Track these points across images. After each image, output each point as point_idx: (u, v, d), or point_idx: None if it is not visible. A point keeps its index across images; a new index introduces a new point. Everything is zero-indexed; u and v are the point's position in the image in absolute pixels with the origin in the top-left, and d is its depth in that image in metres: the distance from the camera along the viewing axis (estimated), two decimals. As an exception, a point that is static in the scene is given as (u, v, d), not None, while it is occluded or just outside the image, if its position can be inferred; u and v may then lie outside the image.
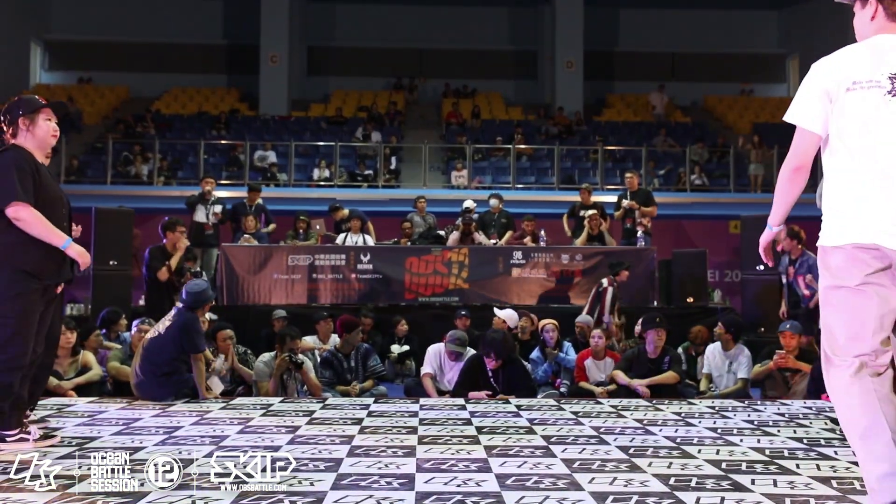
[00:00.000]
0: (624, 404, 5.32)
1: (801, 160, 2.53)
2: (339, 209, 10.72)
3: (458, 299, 8.98)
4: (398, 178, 17.59)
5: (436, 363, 6.58)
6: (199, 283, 5.80)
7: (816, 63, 2.56)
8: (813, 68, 2.56)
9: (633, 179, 10.21)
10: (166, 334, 5.36)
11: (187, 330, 5.33)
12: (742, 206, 14.40)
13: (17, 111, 3.62)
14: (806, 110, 2.50)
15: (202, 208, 9.70)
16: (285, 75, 21.68)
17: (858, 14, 2.60)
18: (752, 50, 23.28)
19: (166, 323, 5.44)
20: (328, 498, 2.72)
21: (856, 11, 2.62)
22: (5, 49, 20.35)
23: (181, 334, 5.32)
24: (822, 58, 2.56)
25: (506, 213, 10.50)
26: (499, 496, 2.75)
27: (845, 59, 2.49)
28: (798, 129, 2.52)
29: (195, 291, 5.50)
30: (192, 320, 5.40)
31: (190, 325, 5.35)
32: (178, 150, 17.94)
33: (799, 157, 2.53)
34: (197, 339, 5.38)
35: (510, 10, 23.43)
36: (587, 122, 20.44)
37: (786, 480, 3.03)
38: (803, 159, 2.52)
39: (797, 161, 2.53)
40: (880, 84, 2.40)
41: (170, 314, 5.54)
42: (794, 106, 2.54)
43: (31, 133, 3.61)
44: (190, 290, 5.53)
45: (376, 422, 4.42)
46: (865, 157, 2.39)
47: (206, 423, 4.34)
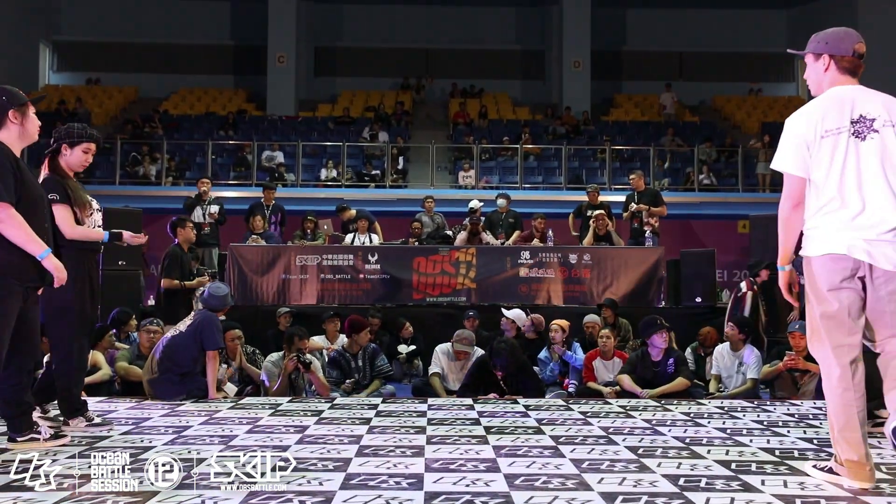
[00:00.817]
0: (633, 404, 5.30)
1: (794, 200, 2.98)
2: (346, 209, 10.74)
3: (466, 299, 8.97)
4: (405, 179, 17.60)
5: (444, 363, 6.59)
6: (222, 286, 5.89)
7: (792, 117, 3.01)
8: (790, 121, 3.00)
9: (639, 180, 10.17)
10: (187, 332, 5.47)
11: (206, 326, 5.45)
12: (751, 206, 14.35)
13: (6, 104, 3.46)
14: (790, 158, 2.96)
15: (199, 209, 9.77)
16: (292, 76, 21.74)
17: (811, 66, 3.07)
18: (760, 49, 23.19)
19: (187, 322, 5.56)
20: (337, 498, 2.72)
21: (808, 63, 3.09)
22: (14, 50, 20.47)
23: (200, 330, 5.43)
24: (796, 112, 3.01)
25: (513, 213, 10.49)
26: (508, 496, 2.75)
27: (816, 112, 2.95)
28: (786, 176, 2.97)
29: (218, 295, 5.65)
30: (212, 318, 5.54)
31: (209, 322, 5.49)
32: (186, 150, 18.00)
33: (793, 199, 2.98)
34: (215, 336, 5.50)
35: (518, 10, 23.41)
36: (595, 122, 20.41)
37: (796, 481, 3.01)
38: (797, 199, 2.97)
39: (792, 202, 2.98)
40: (847, 129, 2.90)
41: (191, 315, 5.69)
42: (778, 156, 2.99)
43: (23, 126, 3.49)
44: (213, 292, 5.68)
45: (385, 421, 4.42)
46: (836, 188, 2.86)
47: (214, 423, 4.35)
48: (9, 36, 20.22)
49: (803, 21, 22.92)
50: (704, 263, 9.42)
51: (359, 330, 6.55)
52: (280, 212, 10.37)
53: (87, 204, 4.22)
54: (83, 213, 4.19)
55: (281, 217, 10.35)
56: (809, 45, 3.08)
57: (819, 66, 3.05)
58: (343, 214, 10.69)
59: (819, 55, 3.04)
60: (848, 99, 2.94)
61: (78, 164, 4.18)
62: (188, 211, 9.73)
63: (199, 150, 17.67)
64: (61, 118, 18.11)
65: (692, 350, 7.25)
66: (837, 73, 3.01)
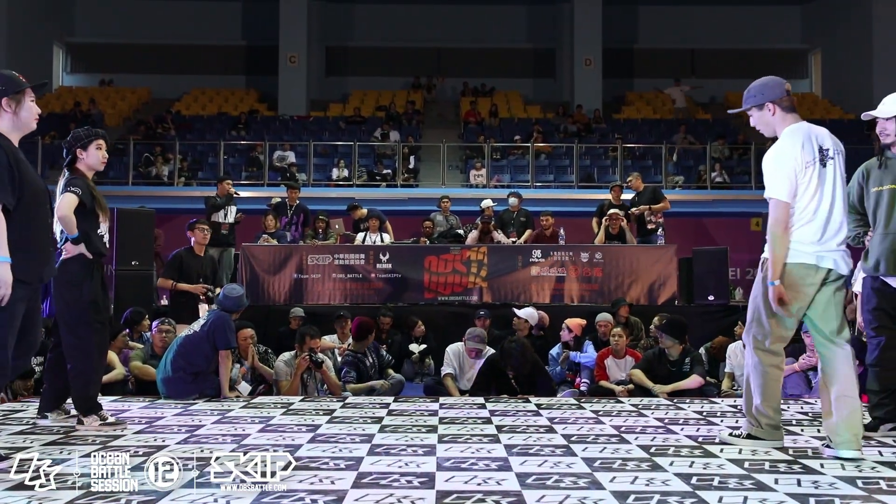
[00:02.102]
0: (645, 403, 5.28)
1: (782, 223, 3.40)
2: (357, 208, 10.75)
3: (477, 298, 8.97)
4: (416, 178, 17.60)
5: (456, 363, 6.59)
6: (237, 287, 5.93)
7: (780, 150, 3.43)
8: (781, 155, 3.42)
9: (636, 181, 10.21)
10: (201, 332, 5.50)
11: (219, 327, 5.48)
12: (763, 204, 14.05)
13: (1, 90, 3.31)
14: (785, 188, 3.39)
15: (224, 210, 9.78)
16: (304, 76, 21.80)
17: (757, 115, 3.56)
18: (773, 45, 23.04)
19: (201, 322, 5.60)
20: (349, 496, 2.72)
21: (752, 115, 3.57)
22: (28, 52, 20.62)
23: (213, 330, 5.46)
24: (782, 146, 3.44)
25: (525, 212, 10.47)
26: (519, 495, 2.74)
27: (798, 147, 3.40)
28: (776, 202, 3.40)
29: (232, 296, 5.68)
30: (226, 318, 5.57)
31: (223, 322, 5.52)
32: (199, 150, 18.09)
33: (781, 223, 3.40)
34: (227, 336, 5.52)
35: (528, 9, 23.36)
36: (606, 120, 20.34)
37: (810, 480, 2.99)
38: (784, 222, 3.40)
39: (781, 225, 3.40)
40: (817, 159, 3.41)
41: (205, 315, 5.74)
42: (775, 186, 3.41)
43: (16, 115, 3.33)
44: (227, 293, 5.71)
45: (396, 420, 4.42)
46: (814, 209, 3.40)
47: (227, 422, 4.37)
48: (23, 38, 20.39)
49: (817, 16, 22.76)
50: (717, 261, 9.38)
51: (366, 334, 6.58)
52: (303, 212, 10.37)
53: (106, 211, 4.33)
54: (104, 217, 4.30)
55: (304, 217, 10.35)
56: (748, 102, 3.57)
57: (766, 114, 3.53)
58: (354, 213, 10.70)
59: (762, 105, 3.52)
60: (812, 133, 3.46)
61: (97, 163, 4.30)
62: (214, 211, 9.70)
63: (212, 151, 17.75)
64: (75, 119, 18.25)
65: (706, 349, 7.23)
66: (784, 113, 3.51)
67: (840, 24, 21.54)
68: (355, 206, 10.87)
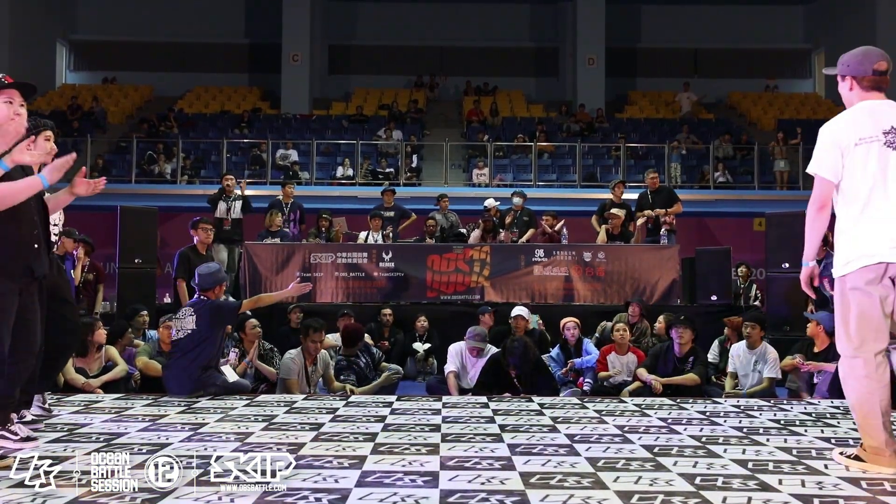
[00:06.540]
0: (648, 402, 5.28)
1: (821, 202, 3.19)
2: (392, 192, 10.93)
3: (480, 297, 8.97)
4: (419, 176, 17.59)
5: (458, 362, 6.59)
6: (210, 265, 5.80)
7: (828, 124, 3.22)
8: (826, 129, 3.20)
9: (655, 179, 10.13)
10: (201, 328, 5.33)
11: (218, 307, 5.39)
12: (767, 204, 14.25)
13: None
14: (824, 163, 3.16)
15: (222, 203, 9.80)
16: (307, 74, 21.78)
17: (841, 84, 3.31)
18: (776, 45, 23.00)
19: (191, 318, 5.38)
20: (352, 495, 2.72)
21: (839, 82, 3.32)
22: (31, 50, 20.63)
23: (215, 314, 5.34)
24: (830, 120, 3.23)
25: (528, 211, 10.47)
26: (523, 494, 2.74)
27: (851, 121, 3.16)
28: (817, 178, 3.17)
29: (208, 273, 5.50)
30: (215, 301, 5.44)
31: (218, 303, 5.42)
32: (201, 148, 18.10)
33: (820, 201, 3.18)
34: (229, 305, 5.49)
35: (531, 7, 23.35)
36: (609, 119, 20.32)
37: (814, 481, 2.99)
38: (823, 202, 3.18)
39: (819, 204, 3.19)
40: (879, 138, 3.09)
41: (188, 311, 5.47)
42: (815, 159, 3.19)
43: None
44: (201, 272, 5.53)
45: (399, 419, 4.42)
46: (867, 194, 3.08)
47: (230, 420, 4.37)
48: (26, 35, 20.40)
49: (821, 16, 22.71)
50: (720, 261, 9.37)
51: (355, 341, 6.62)
52: (299, 209, 10.40)
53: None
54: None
55: (300, 215, 10.38)
56: (837, 68, 3.33)
57: (846, 86, 3.29)
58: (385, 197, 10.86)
59: (844, 76, 3.28)
60: (879, 111, 3.17)
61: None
62: (212, 205, 9.75)
63: (214, 149, 17.77)
64: (78, 117, 18.28)
65: (719, 343, 7.25)
66: (862, 91, 3.23)
67: (843, 24, 21.48)
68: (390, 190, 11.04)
